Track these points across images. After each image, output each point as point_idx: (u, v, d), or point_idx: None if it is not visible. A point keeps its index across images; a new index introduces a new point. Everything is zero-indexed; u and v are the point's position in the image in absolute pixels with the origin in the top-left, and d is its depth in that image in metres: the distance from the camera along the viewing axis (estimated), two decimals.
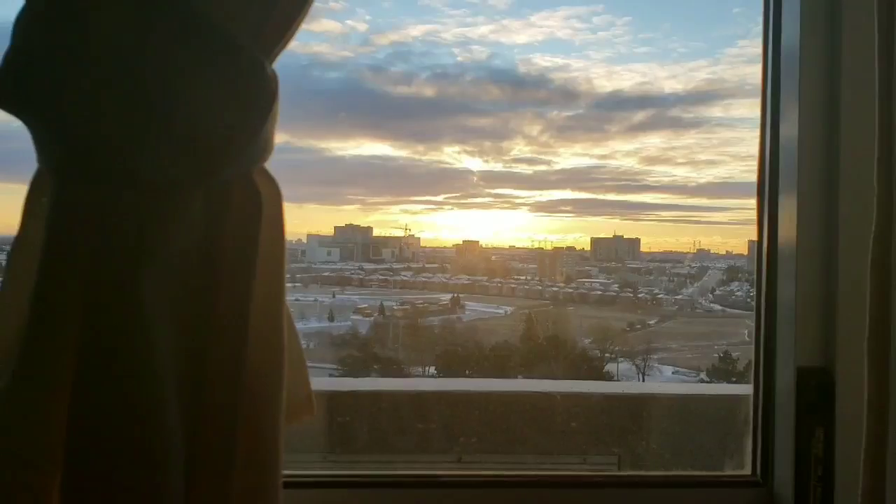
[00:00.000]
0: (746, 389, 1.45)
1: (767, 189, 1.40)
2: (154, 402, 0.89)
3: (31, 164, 0.95)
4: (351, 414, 2.13)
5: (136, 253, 0.91)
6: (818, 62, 1.26)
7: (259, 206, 1.00)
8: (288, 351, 1.03)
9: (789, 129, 1.32)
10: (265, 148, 1.04)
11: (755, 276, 1.44)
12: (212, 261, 0.96)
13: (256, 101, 0.97)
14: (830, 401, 1.20)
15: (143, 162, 0.91)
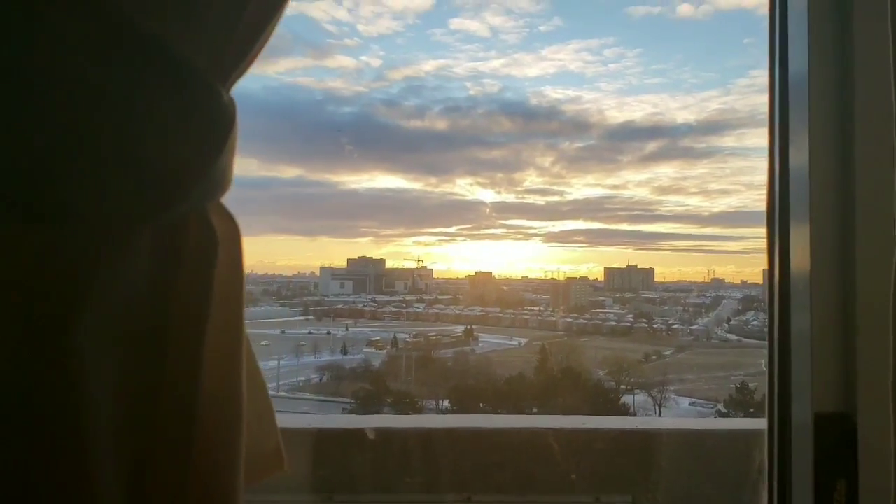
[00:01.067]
0: (763, 424, 1.39)
1: (778, 218, 1.36)
2: (83, 476, 0.76)
3: None
4: (358, 453, 2.08)
5: (69, 297, 0.78)
6: (828, 88, 1.22)
7: (214, 247, 0.89)
8: (252, 402, 0.93)
9: (799, 156, 1.28)
10: (222, 181, 0.93)
11: (767, 309, 1.38)
12: (160, 307, 0.84)
13: (211, 129, 0.88)
14: (853, 449, 1.12)
15: (79, 195, 0.80)
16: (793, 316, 1.28)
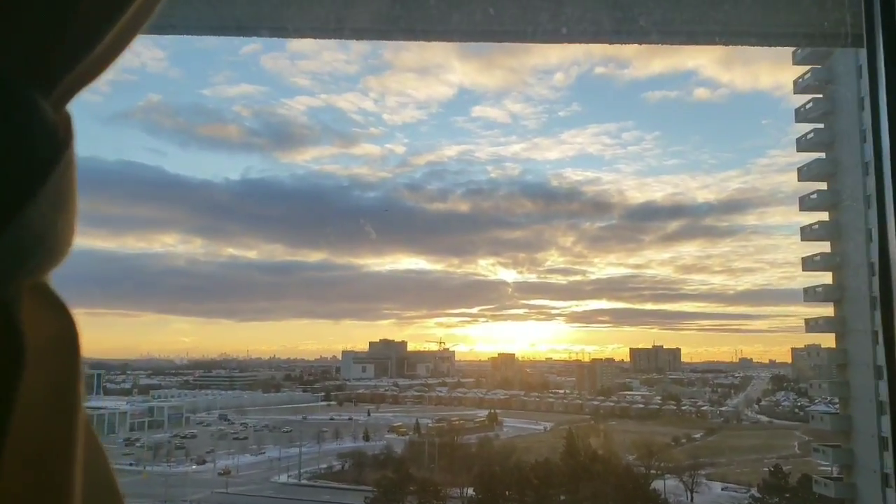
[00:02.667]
0: None
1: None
2: None
3: None
4: None
5: None
6: None
7: (18, 356, 0.63)
8: None
9: None
10: (42, 247, 0.65)
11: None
12: None
13: (17, 152, 0.61)
14: None
15: None
16: None
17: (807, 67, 58.72)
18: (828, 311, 57.19)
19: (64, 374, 0.71)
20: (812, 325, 57.85)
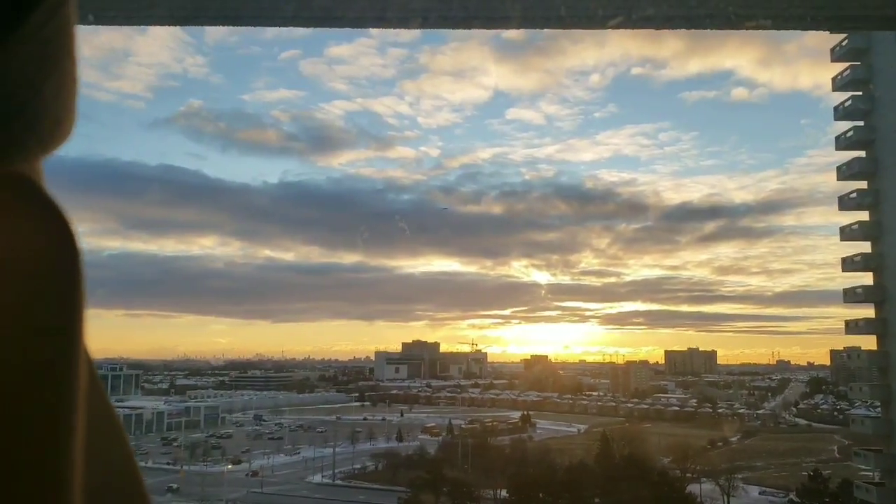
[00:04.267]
0: None
1: None
2: None
3: None
4: None
5: None
6: None
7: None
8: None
9: None
10: (27, 123, 0.56)
11: None
12: None
13: None
14: None
15: None
16: None
17: (846, 64, 57.65)
18: (868, 312, 56.05)
19: (54, 311, 0.61)
20: (852, 326, 56.95)
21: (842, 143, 56.78)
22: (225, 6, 1.36)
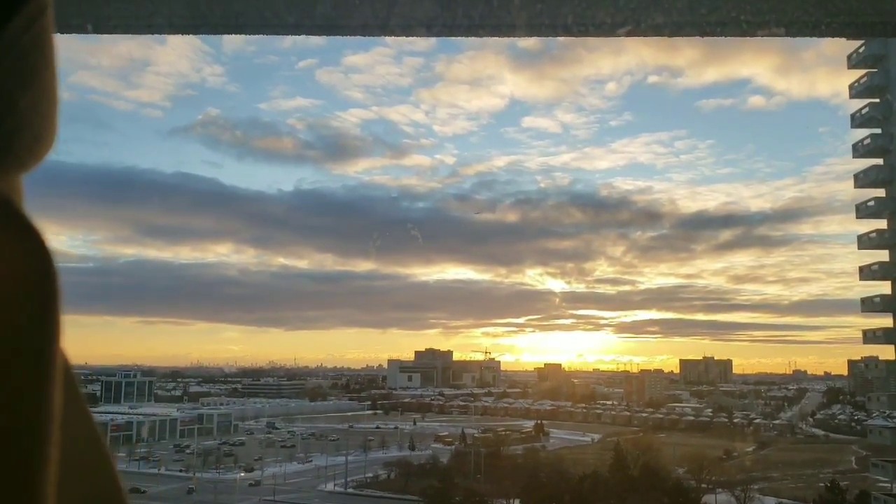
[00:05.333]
0: None
1: None
2: None
3: None
4: None
5: None
6: None
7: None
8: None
9: None
10: (3, 139, 0.53)
11: None
12: None
13: None
14: None
15: None
16: None
17: (862, 71, 57.28)
18: (886, 321, 55.52)
19: (30, 334, 0.58)
20: (870, 336, 56.39)
21: (859, 150, 56.35)
22: (226, 15, 1.35)
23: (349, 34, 1.33)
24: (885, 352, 55.33)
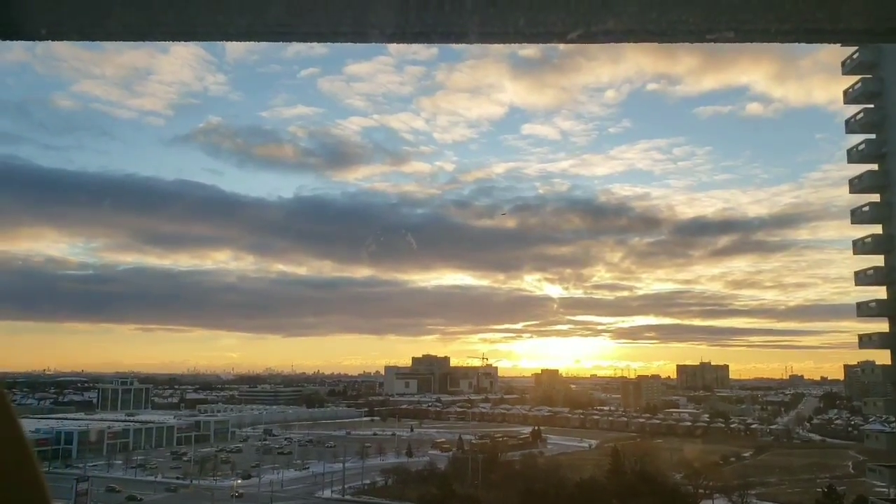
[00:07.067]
0: None
1: None
2: None
3: None
4: None
5: None
6: None
7: None
8: None
9: None
10: None
11: None
12: None
13: None
14: None
15: None
16: None
17: (857, 77, 57.35)
18: (882, 326, 55.50)
19: None
20: (865, 340, 56.37)
21: (854, 156, 56.49)
22: (180, 21, 1.35)
23: (301, 40, 1.33)
24: (881, 356, 55.37)
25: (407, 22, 1.29)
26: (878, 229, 54.36)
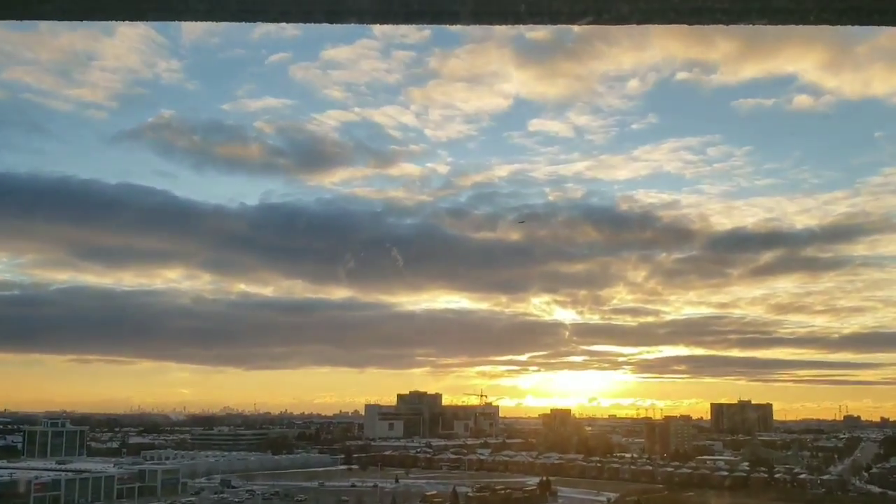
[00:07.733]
0: None
1: None
2: None
3: None
4: None
5: None
6: None
7: None
8: None
9: None
10: None
11: None
12: None
13: None
14: None
15: None
16: None
17: None
18: None
19: None
20: None
21: None
22: None
23: (266, 20, 1.36)
24: None
25: (391, 3, 1.32)
26: None
